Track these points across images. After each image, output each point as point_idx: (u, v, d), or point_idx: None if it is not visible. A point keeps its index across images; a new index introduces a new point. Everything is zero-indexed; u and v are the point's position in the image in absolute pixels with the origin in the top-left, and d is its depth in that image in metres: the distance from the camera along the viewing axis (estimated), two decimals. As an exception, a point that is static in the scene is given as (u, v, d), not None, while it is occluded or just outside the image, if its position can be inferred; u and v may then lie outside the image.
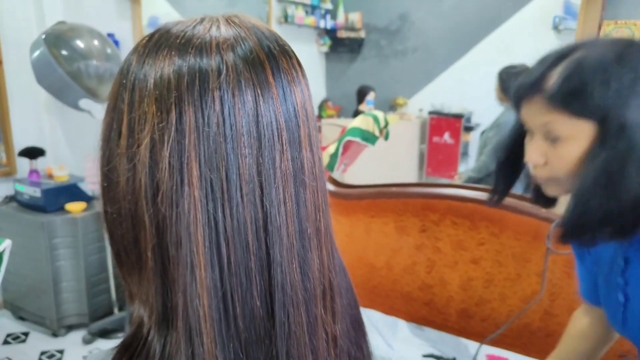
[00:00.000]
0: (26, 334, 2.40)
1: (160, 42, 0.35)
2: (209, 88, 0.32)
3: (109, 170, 0.35)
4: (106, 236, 0.39)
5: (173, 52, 0.34)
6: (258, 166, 0.33)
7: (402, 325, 1.57)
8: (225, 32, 0.35)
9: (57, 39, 2.13)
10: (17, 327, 2.46)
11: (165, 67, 0.33)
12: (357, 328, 0.45)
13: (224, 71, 0.33)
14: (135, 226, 0.34)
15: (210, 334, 0.33)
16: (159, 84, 0.33)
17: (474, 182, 2.60)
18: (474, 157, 3.87)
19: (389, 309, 1.64)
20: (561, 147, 0.67)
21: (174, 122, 0.32)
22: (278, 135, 0.34)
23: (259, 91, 0.34)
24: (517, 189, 0.89)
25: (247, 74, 0.33)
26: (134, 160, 0.33)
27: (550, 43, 3.72)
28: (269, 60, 0.35)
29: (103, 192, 0.37)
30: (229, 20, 0.37)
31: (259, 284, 0.34)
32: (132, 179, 0.34)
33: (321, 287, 0.38)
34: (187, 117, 0.32)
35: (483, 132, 2.78)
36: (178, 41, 0.34)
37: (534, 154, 0.70)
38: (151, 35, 0.36)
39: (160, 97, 0.33)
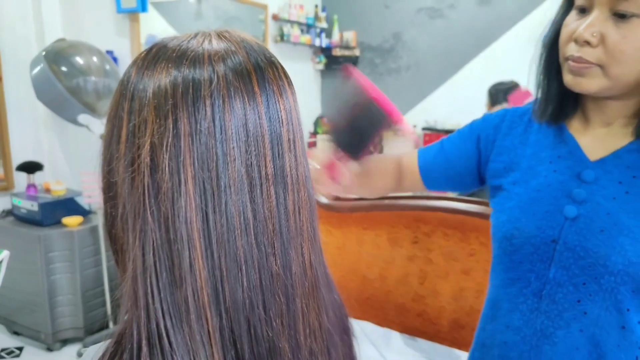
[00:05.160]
0: (20, 349, 2.39)
1: (158, 55, 0.38)
2: (201, 96, 0.35)
3: (109, 173, 0.38)
4: (104, 242, 0.41)
5: (170, 65, 0.37)
6: (246, 167, 0.36)
7: (395, 336, 1.59)
8: (216, 45, 0.38)
9: (56, 56, 2.18)
10: (12, 341, 2.45)
11: (163, 78, 0.36)
12: (345, 336, 0.47)
13: (215, 81, 0.36)
14: (134, 224, 0.36)
15: (211, 323, 0.36)
16: (157, 94, 0.36)
17: (466, 195, 2.63)
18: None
19: (383, 321, 1.66)
20: (628, 26, 0.60)
21: (170, 127, 0.35)
22: (262, 139, 0.37)
23: (246, 99, 0.37)
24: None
25: (236, 84, 0.37)
26: (136, 163, 0.36)
27: (540, 61, 3.81)
28: (255, 71, 0.38)
29: (104, 192, 0.40)
30: (220, 35, 0.40)
31: (246, 276, 0.37)
32: (131, 180, 0.36)
33: (303, 283, 0.40)
34: (181, 123, 0.35)
35: None
36: (174, 54, 0.37)
37: (588, 29, 0.62)
38: (149, 50, 0.39)
39: (158, 105, 0.35)
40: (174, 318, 0.35)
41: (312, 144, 4.07)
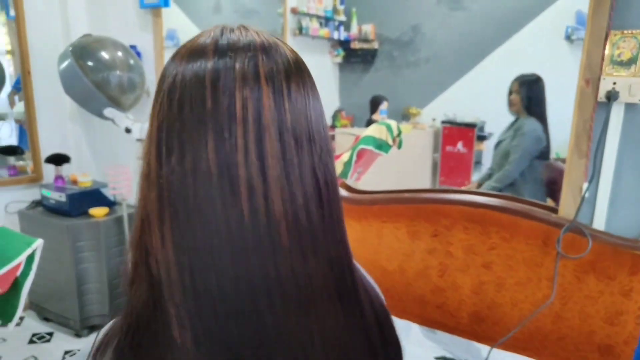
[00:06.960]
0: (50, 334, 2.48)
1: (190, 50, 0.42)
2: (226, 84, 0.39)
3: (167, 153, 0.41)
4: (128, 232, 0.44)
5: (203, 58, 0.41)
6: (258, 149, 0.39)
7: (415, 328, 1.61)
8: (242, 38, 0.42)
9: (83, 51, 2.23)
10: (42, 327, 2.54)
11: (199, 70, 0.40)
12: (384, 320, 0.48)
13: (240, 70, 0.39)
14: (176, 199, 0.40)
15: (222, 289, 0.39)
16: (195, 85, 0.40)
17: (497, 192, 2.48)
18: (487, 166, 3.88)
19: (402, 313, 1.68)
20: None
21: (210, 109, 0.39)
22: (281, 128, 0.40)
23: (275, 96, 0.40)
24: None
25: (264, 80, 0.40)
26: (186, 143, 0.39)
27: (563, 53, 3.75)
28: (281, 68, 0.41)
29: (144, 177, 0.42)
30: (243, 29, 0.43)
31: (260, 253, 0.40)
32: (181, 158, 0.39)
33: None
34: (220, 106, 0.39)
35: (501, 142, 2.72)
36: (206, 48, 0.41)
37: None
38: (184, 46, 0.44)
39: (193, 92, 0.39)
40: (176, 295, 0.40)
41: (331, 138, 4.08)
